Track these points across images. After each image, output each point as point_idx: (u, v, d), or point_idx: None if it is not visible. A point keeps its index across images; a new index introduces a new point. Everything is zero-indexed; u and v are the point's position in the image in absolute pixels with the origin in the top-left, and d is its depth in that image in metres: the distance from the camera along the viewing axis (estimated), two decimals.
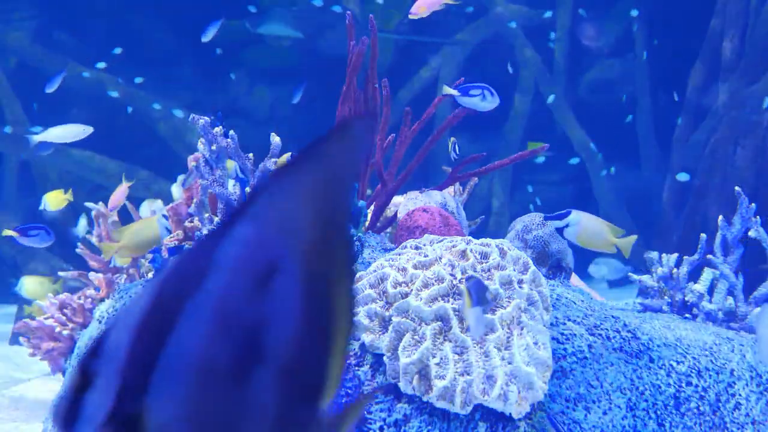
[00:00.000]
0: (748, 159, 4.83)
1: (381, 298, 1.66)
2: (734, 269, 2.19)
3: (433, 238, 1.85)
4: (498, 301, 1.63)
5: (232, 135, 2.16)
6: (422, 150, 2.37)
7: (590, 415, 1.62)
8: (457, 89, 2.33)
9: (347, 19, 2.34)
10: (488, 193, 7.01)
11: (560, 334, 1.77)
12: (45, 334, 2.66)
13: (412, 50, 7.04)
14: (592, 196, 7.01)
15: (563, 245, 2.38)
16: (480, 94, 2.31)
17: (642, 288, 2.30)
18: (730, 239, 2.19)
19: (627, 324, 1.90)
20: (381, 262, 1.74)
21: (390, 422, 1.54)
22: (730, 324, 2.12)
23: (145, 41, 7.23)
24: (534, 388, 1.51)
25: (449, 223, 2.29)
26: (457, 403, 1.49)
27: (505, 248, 1.76)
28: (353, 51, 2.26)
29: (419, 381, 1.52)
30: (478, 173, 2.41)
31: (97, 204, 2.81)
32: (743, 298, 2.16)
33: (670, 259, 2.25)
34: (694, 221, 5.12)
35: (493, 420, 1.53)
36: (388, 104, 2.34)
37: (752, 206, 2.19)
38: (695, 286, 2.19)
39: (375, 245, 2.23)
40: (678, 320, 2.08)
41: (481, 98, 2.33)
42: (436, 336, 1.56)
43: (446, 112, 5.95)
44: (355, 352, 1.69)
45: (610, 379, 1.71)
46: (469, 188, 2.89)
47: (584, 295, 2.14)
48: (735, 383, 1.85)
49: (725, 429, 1.78)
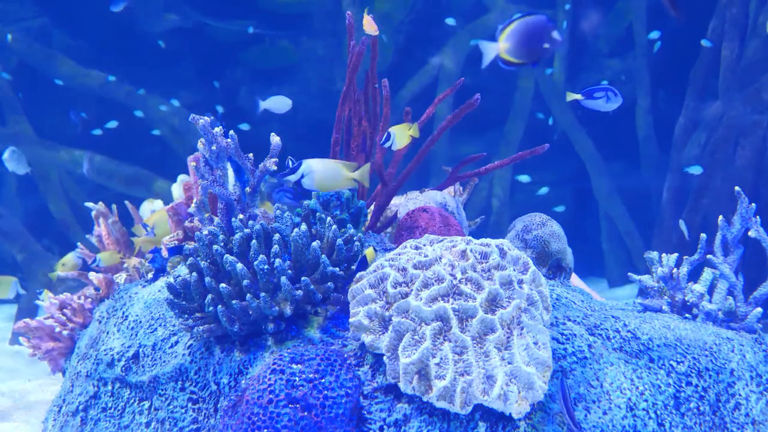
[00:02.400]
0: (748, 159, 4.83)
1: (381, 298, 1.66)
2: (734, 269, 2.19)
3: (433, 238, 1.85)
4: (498, 301, 1.63)
5: (232, 135, 2.16)
6: (422, 150, 2.37)
7: (590, 415, 1.62)
8: (582, 93, 2.38)
9: (347, 19, 2.34)
10: (488, 193, 7.02)
11: (560, 334, 1.77)
12: (45, 334, 2.66)
13: (412, 50, 7.04)
14: (592, 196, 7.02)
15: (563, 245, 2.38)
16: (603, 95, 2.36)
17: (642, 288, 2.30)
18: (730, 239, 2.19)
19: (627, 324, 1.90)
20: (381, 262, 1.74)
21: (390, 422, 1.54)
22: (730, 324, 2.12)
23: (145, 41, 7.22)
24: (534, 388, 1.51)
25: (449, 223, 2.29)
26: (457, 403, 1.49)
27: (505, 248, 1.76)
28: (353, 51, 2.26)
29: (419, 381, 1.52)
30: (478, 173, 2.41)
31: (97, 204, 2.81)
32: (743, 298, 2.16)
33: (670, 259, 2.25)
34: (694, 221, 5.12)
35: (493, 420, 1.53)
36: (388, 104, 2.34)
37: (752, 206, 2.19)
38: (695, 286, 2.19)
39: (375, 245, 2.23)
40: (678, 320, 2.08)
41: (605, 100, 2.39)
42: (436, 336, 1.56)
43: (446, 112, 5.96)
44: (355, 352, 1.69)
45: (610, 379, 1.71)
46: (469, 188, 2.89)
47: (584, 295, 2.14)
48: (735, 383, 1.85)
49: (725, 429, 1.78)
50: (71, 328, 2.61)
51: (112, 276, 2.66)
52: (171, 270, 2.30)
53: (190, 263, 1.84)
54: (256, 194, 2.23)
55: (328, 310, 1.83)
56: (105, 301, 2.41)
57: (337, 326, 1.79)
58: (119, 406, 2.04)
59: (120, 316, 2.17)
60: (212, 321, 1.79)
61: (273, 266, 1.75)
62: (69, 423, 2.18)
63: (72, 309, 2.64)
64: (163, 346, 1.96)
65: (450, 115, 2.30)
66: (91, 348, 2.22)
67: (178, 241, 2.39)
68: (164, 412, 1.88)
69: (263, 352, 1.75)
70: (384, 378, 1.60)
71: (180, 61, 7.22)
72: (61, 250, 5.35)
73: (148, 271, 2.46)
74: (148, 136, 6.68)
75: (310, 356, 1.59)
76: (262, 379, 1.54)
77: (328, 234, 1.86)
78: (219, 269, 1.82)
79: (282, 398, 1.50)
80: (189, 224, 2.40)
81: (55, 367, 2.71)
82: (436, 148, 6.40)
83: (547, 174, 7.23)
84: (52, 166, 6.41)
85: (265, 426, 1.47)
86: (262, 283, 1.75)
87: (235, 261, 1.75)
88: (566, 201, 7.29)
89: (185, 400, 1.84)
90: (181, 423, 1.83)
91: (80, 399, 2.17)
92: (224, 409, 1.62)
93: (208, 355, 1.84)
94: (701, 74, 5.52)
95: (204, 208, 2.23)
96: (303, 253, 1.81)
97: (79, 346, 2.35)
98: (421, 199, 2.47)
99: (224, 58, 7.27)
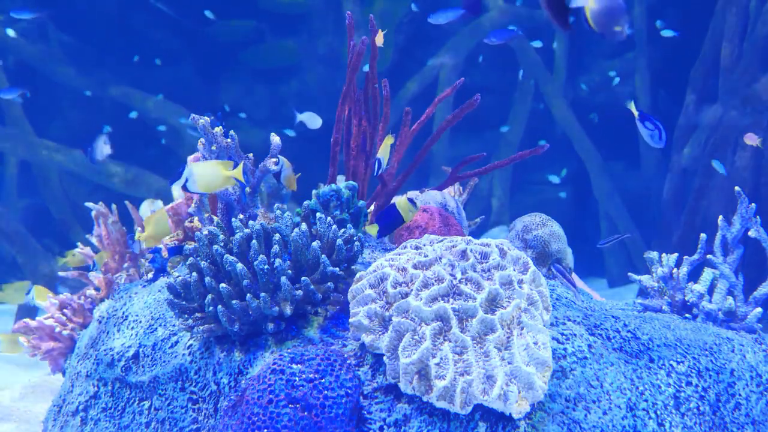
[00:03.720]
0: (748, 159, 4.84)
1: (381, 298, 1.66)
2: (734, 269, 2.19)
3: (433, 238, 1.85)
4: (498, 301, 1.63)
5: (232, 135, 2.16)
6: (422, 150, 2.37)
7: (590, 415, 1.62)
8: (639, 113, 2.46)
9: (347, 19, 2.34)
10: (488, 193, 7.02)
11: (560, 334, 1.77)
12: (45, 334, 2.66)
13: (412, 50, 7.04)
14: (592, 196, 7.02)
15: (563, 245, 2.38)
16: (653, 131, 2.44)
17: (642, 288, 2.31)
18: (730, 239, 2.19)
19: (627, 324, 1.90)
20: (381, 262, 1.74)
21: (390, 422, 1.54)
22: (730, 324, 2.12)
23: (145, 41, 7.22)
24: (534, 388, 1.51)
25: (449, 223, 2.29)
26: (457, 403, 1.49)
27: (505, 248, 1.76)
28: (353, 51, 2.26)
29: (419, 381, 1.52)
30: (478, 173, 2.41)
31: (98, 204, 2.81)
32: (743, 298, 2.16)
33: (670, 259, 2.25)
34: (694, 221, 5.12)
35: (493, 420, 1.53)
36: (388, 104, 2.34)
37: (752, 206, 2.19)
38: (695, 286, 2.19)
39: (375, 245, 2.23)
40: (678, 320, 2.08)
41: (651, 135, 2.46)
42: (436, 336, 1.56)
43: (446, 112, 5.96)
44: (355, 352, 1.69)
45: (610, 379, 1.71)
46: (469, 188, 2.89)
47: (584, 295, 2.14)
48: (735, 383, 1.85)
49: (725, 429, 1.78)
50: (71, 328, 2.61)
51: (112, 276, 2.66)
52: (171, 270, 2.30)
53: (190, 263, 1.84)
54: (256, 194, 2.23)
55: (328, 310, 1.83)
56: (105, 301, 2.41)
57: (337, 326, 1.79)
58: (119, 406, 2.04)
59: (120, 316, 2.17)
60: (212, 321, 1.79)
61: (273, 266, 1.75)
62: (69, 423, 2.18)
63: (72, 309, 2.64)
64: (163, 346, 1.96)
65: (450, 115, 2.30)
66: (91, 348, 2.22)
67: (178, 241, 2.39)
68: (164, 412, 1.88)
69: (263, 352, 1.75)
70: (384, 378, 1.60)
71: (180, 61, 7.22)
72: (61, 250, 5.34)
73: (148, 271, 2.46)
74: (149, 136, 6.68)
75: (310, 356, 1.59)
76: (262, 379, 1.54)
77: (328, 234, 1.86)
78: (219, 269, 1.82)
79: (282, 398, 1.50)
80: (189, 224, 2.41)
81: (55, 367, 2.71)
82: (436, 148, 6.41)
83: (548, 174, 7.23)
84: (52, 166, 6.41)
85: (265, 426, 1.47)
86: (262, 283, 1.75)
87: (235, 261, 1.75)
88: (566, 201, 7.30)
89: (185, 400, 1.84)
90: (181, 423, 1.83)
91: (80, 399, 2.17)
92: (224, 409, 1.62)
93: (208, 355, 1.84)
94: (701, 74, 5.51)
95: (204, 208, 2.24)
96: (303, 253, 1.81)
97: (79, 346, 2.35)
98: (421, 199, 2.47)
99: (224, 58, 7.27)
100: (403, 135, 2.38)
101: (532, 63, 6.94)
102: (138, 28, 7.18)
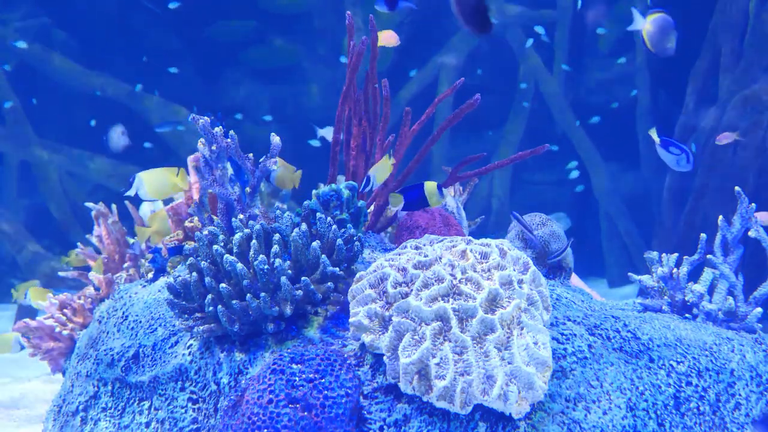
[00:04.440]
0: (748, 159, 4.83)
1: (381, 298, 1.66)
2: (734, 269, 2.19)
3: (433, 238, 1.85)
4: (498, 301, 1.63)
5: (232, 135, 2.16)
6: (422, 150, 2.37)
7: (590, 415, 1.62)
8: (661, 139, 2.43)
9: (347, 19, 2.34)
10: (488, 193, 7.01)
11: (560, 334, 1.77)
12: (45, 334, 2.66)
13: (412, 50, 7.04)
14: (592, 196, 7.02)
15: (563, 245, 2.38)
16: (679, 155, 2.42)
17: (642, 288, 2.30)
18: (729, 239, 2.19)
19: (627, 324, 1.90)
20: (381, 262, 1.74)
21: (390, 422, 1.54)
22: (730, 324, 2.12)
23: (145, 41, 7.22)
24: (534, 388, 1.51)
25: (449, 223, 2.29)
26: (457, 403, 1.49)
27: (505, 248, 1.76)
28: (353, 51, 2.26)
29: (419, 381, 1.52)
30: (478, 173, 2.41)
31: (98, 204, 2.81)
32: (743, 298, 2.16)
33: (670, 259, 2.25)
34: (694, 221, 5.12)
35: (493, 420, 1.53)
36: (388, 104, 2.34)
37: (752, 206, 2.19)
38: (695, 286, 2.19)
39: (375, 245, 2.23)
40: (678, 320, 2.08)
41: (677, 161, 2.44)
42: (436, 336, 1.56)
43: (446, 112, 5.96)
44: (355, 352, 1.69)
45: (610, 379, 1.71)
46: (469, 188, 2.89)
47: (584, 295, 2.14)
48: (735, 383, 1.85)
49: (725, 429, 1.78)
50: (71, 328, 2.61)
51: (112, 276, 2.66)
52: (171, 270, 2.30)
53: (190, 263, 1.84)
54: (256, 194, 2.23)
55: (328, 310, 1.83)
56: (105, 301, 2.41)
57: (337, 326, 1.79)
58: (119, 406, 2.04)
59: (120, 316, 2.17)
60: (212, 321, 1.79)
61: (273, 266, 1.75)
62: (69, 423, 2.18)
63: (72, 309, 2.64)
64: (163, 346, 1.96)
65: (450, 115, 2.30)
66: (91, 348, 2.22)
67: (178, 241, 2.39)
68: (164, 412, 1.88)
69: (263, 352, 1.75)
70: (384, 378, 1.60)
71: (180, 61, 7.22)
72: (61, 250, 5.35)
73: (148, 271, 2.45)
74: (148, 136, 6.67)
75: (310, 356, 1.59)
76: (262, 379, 1.54)
77: (328, 234, 1.86)
78: (219, 269, 1.82)
79: (282, 398, 1.50)
80: (189, 224, 2.41)
81: (55, 367, 2.71)
82: (436, 148, 6.41)
83: (548, 174, 7.23)
84: (52, 166, 6.41)
85: (265, 426, 1.47)
86: (262, 283, 1.75)
87: (235, 261, 1.75)
88: (566, 201, 7.30)
89: (185, 400, 1.84)
90: (181, 423, 1.83)
91: (80, 399, 2.17)
92: (224, 409, 1.63)
93: (208, 355, 1.84)
94: (701, 74, 5.51)
95: (204, 208, 2.23)
96: (303, 253, 1.81)
97: (79, 346, 2.35)
98: None
99: (224, 58, 7.27)
100: (403, 135, 2.38)
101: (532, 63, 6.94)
102: (138, 28, 7.18)
